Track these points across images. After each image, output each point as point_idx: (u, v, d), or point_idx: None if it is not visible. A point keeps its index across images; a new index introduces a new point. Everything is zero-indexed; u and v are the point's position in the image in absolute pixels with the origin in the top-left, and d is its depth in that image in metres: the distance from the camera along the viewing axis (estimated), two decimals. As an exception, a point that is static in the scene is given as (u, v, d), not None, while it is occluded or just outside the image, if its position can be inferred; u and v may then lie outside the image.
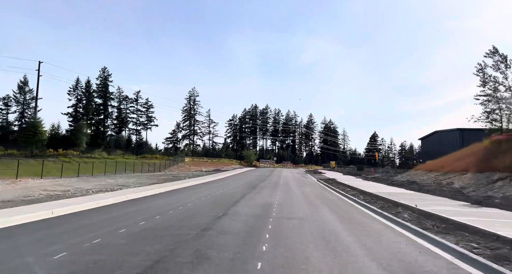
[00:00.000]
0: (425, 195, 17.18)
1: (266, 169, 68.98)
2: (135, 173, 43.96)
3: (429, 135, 50.43)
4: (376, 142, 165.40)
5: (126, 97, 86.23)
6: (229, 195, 17.20)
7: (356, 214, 11.77)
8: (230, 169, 58.87)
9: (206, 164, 64.99)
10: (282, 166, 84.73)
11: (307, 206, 13.40)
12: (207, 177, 34.53)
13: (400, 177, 33.02)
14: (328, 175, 46.99)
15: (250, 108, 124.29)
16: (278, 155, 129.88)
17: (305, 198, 16.96)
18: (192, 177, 34.03)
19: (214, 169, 55.34)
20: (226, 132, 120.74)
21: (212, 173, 46.15)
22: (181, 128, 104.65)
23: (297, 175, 47.12)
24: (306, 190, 22.50)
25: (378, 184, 27.27)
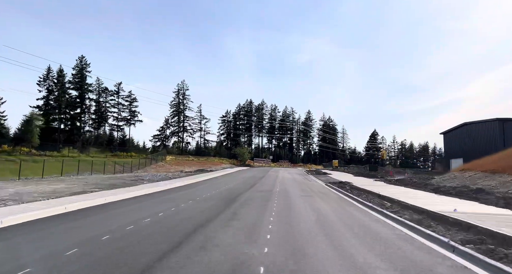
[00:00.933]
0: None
1: (261, 169, 60.03)
2: (99, 174, 34.87)
3: (455, 129, 41.54)
4: (376, 140, 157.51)
5: (105, 89, 76.76)
6: (163, 231, 7.77)
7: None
8: (218, 169, 49.74)
9: (191, 163, 55.87)
10: (278, 165, 75.80)
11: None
12: (179, 180, 25.39)
13: (440, 180, 23.97)
14: (336, 176, 38.02)
15: (245, 104, 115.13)
16: (274, 154, 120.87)
17: (328, 232, 7.64)
18: (159, 181, 24.94)
19: (197, 170, 46.17)
20: (219, 129, 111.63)
21: (192, 174, 36.98)
22: (169, 125, 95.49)
23: (298, 177, 38.04)
24: (319, 206, 13.13)
25: (422, 192, 18.12)
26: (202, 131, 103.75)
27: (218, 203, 13.16)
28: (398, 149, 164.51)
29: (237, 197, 15.57)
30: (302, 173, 48.19)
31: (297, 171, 52.84)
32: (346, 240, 6.83)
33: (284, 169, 63.70)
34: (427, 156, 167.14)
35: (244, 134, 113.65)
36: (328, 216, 10.26)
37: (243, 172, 44.61)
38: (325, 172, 46.09)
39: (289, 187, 21.86)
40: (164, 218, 9.39)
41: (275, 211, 11.17)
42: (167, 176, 32.19)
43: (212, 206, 12.22)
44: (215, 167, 54.88)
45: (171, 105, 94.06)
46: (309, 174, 43.18)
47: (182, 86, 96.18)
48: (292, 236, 7.15)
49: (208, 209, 11.44)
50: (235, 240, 6.65)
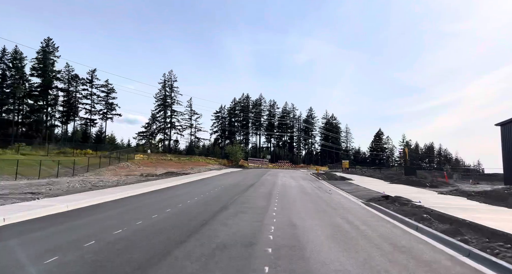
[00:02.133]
0: None
1: (255, 171, 47.60)
2: (23, 179, 22.35)
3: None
4: (381, 140, 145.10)
5: (75, 77, 64.20)
6: None
7: None
8: (198, 172, 37.05)
9: (168, 164, 43.33)
10: (277, 166, 63.37)
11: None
12: (92, 195, 12.99)
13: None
14: (363, 183, 25.22)
15: (241, 98, 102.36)
16: (273, 154, 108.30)
17: None
18: (76, 193, 12.58)
19: (167, 172, 33.46)
20: (213, 127, 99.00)
21: (149, 180, 24.30)
22: (156, 120, 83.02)
23: (307, 185, 25.19)
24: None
25: None
26: (193, 128, 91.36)
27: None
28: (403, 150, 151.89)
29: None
30: (310, 177, 35.67)
31: (301, 175, 40.26)
32: None
33: (285, 171, 51.14)
34: (432, 157, 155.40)
35: (240, 132, 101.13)
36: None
37: (228, 176, 32.09)
38: (342, 177, 33.31)
39: (302, 217, 9.47)
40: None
41: None
42: (95, 184, 19.59)
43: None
44: (197, 169, 42.34)
45: (157, 98, 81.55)
46: (320, 180, 30.59)
47: (170, 77, 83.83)
48: None
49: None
50: None
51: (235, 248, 5.73)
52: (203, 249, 5.58)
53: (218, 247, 5.71)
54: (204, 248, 5.68)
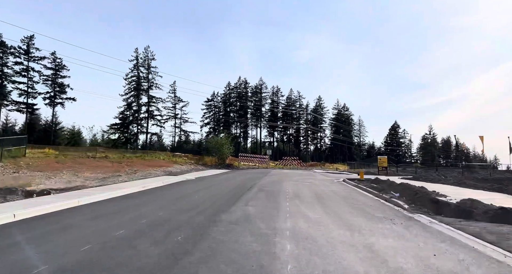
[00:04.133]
0: None
1: (247, 173, 28.09)
2: None
3: None
4: (398, 134, 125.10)
5: (1, 44, 45.27)
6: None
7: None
8: (126, 182, 17.82)
9: (95, 164, 24.27)
10: (282, 165, 44.00)
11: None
12: None
13: None
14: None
15: (238, 83, 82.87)
16: (277, 150, 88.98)
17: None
18: None
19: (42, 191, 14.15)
20: (203, 117, 79.84)
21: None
22: (132, 110, 64.07)
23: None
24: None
25: None
26: (178, 119, 72.16)
27: None
28: (420, 144, 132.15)
29: None
30: (366, 199, 16.22)
31: (331, 184, 20.01)
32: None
33: (293, 173, 31.48)
34: (449, 152, 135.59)
35: (237, 124, 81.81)
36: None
37: (154, 197, 12.57)
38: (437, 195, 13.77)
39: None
40: None
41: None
42: None
43: None
44: (140, 173, 23.15)
45: (127, 80, 62.39)
46: (417, 213, 11.25)
47: (146, 54, 64.69)
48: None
49: None
50: None
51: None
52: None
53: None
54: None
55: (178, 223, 6.67)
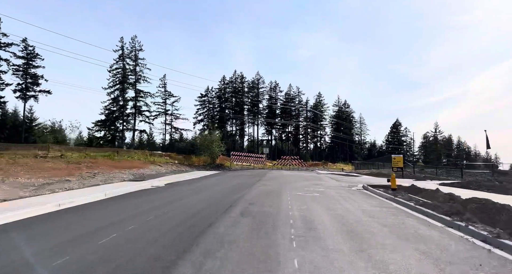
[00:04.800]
0: None
1: (240, 175, 22.66)
2: None
3: None
4: (399, 132, 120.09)
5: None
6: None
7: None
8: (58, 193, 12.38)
9: (48, 167, 18.78)
10: (280, 165, 38.47)
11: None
12: None
13: None
14: None
15: (233, 77, 77.20)
16: (275, 148, 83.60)
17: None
18: None
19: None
20: (197, 114, 74.20)
21: None
22: (118, 105, 58.37)
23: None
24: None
25: None
26: (169, 115, 66.49)
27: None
28: (422, 142, 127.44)
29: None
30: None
31: (375, 202, 14.82)
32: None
33: (296, 175, 25.81)
34: (450, 151, 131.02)
35: (233, 121, 76.22)
36: None
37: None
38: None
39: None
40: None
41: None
42: None
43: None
44: (70, 182, 17.63)
45: (112, 72, 56.58)
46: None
47: (134, 45, 58.98)
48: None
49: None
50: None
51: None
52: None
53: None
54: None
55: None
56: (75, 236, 5.52)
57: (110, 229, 6.07)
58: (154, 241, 5.18)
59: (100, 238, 5.37)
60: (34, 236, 5.61)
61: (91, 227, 6.20)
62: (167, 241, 5.23)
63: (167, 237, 5.48)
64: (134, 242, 5.17)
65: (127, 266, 4.05)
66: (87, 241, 5.20)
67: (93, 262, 4.19)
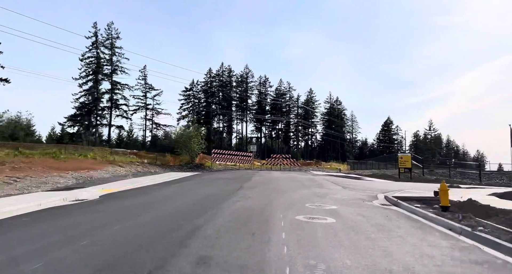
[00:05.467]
0: None
1: (217, 179, 17.79)
2: None
3: None
4: (390, 130, 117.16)
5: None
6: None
7: None
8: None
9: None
10: (270, 164, 33.63)
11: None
12: None
13: None
14: None
15: (220, 71, 71.87)
16: (265, 146, 78.85)
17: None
18: None
19: None
20: (181, 109, 68.69)
21: None
22: (93, 97, 52.43)
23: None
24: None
25: None
26: (150, 110, 60.80)
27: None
28: (412, 141, 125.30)
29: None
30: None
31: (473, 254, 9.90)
32: None
33: (294, 180, 21.18)
34: (440, 149, 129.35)
35: (219, 117, 71.02)
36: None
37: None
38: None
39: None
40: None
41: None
42: None
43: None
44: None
45: (84, 61, 50.61)
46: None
47: (110, 32, 53.13)
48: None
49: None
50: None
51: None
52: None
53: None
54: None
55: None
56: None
57: None
58: None
59: None
60: None
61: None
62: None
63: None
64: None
65: None
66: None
67: None
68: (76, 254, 4.31)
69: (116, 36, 52.94)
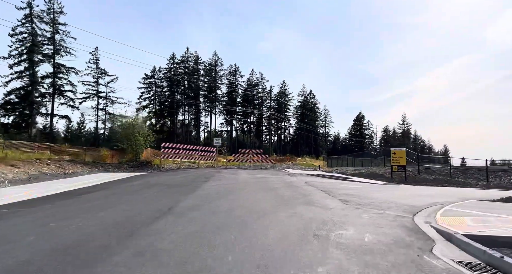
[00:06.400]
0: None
1: (147, 192, 12.04)
2: None
3: None
4: (362, 125, 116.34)
5: None
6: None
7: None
8: None
9: None
10: (238, 161, 28.11)
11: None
12: None
13: None
14: None
15: (185, 56, 64.70)
16: (235, 141, 73.10)
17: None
18: None
19: None
20: (140, 99, 61.01)
21: None
22: (30, 81, 43.62)
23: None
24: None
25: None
26: (103, 99, 52.71)
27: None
28: (382, 136, 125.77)
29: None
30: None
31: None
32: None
33: (266, 187, 15.61)
34: (408, 144, 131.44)
35: (185, 107, 64.01)
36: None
37: None
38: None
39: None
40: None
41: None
42: None
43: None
44: None
45: (16, 38, 41.74)
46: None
47: (51, 6, 44.32)
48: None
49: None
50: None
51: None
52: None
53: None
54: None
55: None
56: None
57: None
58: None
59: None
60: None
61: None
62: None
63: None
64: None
65: None
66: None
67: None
68: None
69: (59, 11, 44.44)
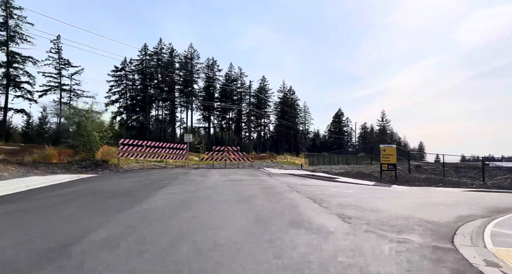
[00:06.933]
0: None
1: (47, 207, 9.28)
2: None
3: None
4: (341, 122, 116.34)
5: None
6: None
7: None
8: None
9: None
10: (213, 160, 25.28)
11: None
12: None
13: None
14: None
15: (159, 47, 60.52)
16: (214, 138, 69.82)
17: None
18: None
19: None
20: (109, 93, 56.47)
21: None
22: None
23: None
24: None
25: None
26: (66, 92, 47.96)
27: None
28: (360, 133, 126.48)
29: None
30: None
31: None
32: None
33: (257, 211, 12.81)
34: (384, 141, 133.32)
35: (159, 102, 59.99)
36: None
37: None
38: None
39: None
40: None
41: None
42: None
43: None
44: None
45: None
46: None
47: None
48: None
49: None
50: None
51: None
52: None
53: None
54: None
55: None
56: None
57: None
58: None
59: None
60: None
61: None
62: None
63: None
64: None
65: None
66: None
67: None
68: None
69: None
